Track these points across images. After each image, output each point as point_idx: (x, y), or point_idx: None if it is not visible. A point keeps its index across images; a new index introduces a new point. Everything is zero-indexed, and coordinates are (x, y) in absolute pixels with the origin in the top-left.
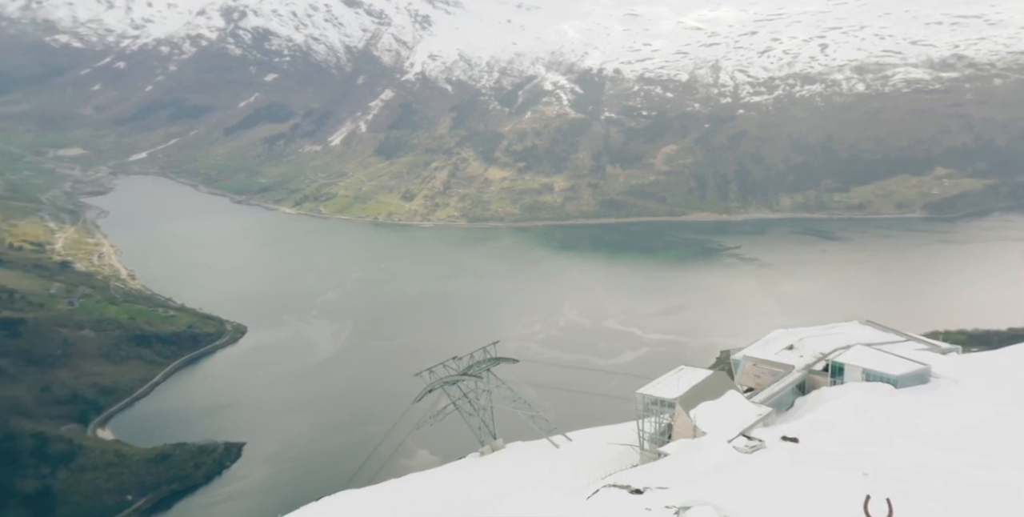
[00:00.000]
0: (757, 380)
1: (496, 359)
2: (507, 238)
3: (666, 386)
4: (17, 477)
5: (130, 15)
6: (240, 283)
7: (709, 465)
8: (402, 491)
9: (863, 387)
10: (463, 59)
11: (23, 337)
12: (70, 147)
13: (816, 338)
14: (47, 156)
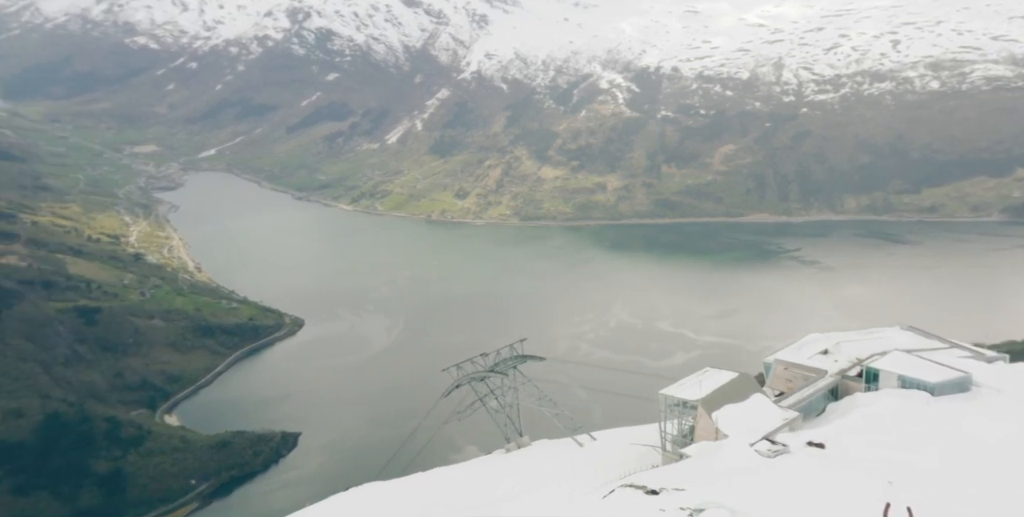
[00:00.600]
0: (789, 384)
1: (523, 357)
2: (558, 237)
3: (689, 387)
4: (91, 458)
5: (203, 17)
6: (298, 277)
7: (729, 468)
8: (426, 484)
9: (898, 394)
10: (519, 58)
11: (99, 325)
12: (145, 144)
13: (853, 343)
14: (124, 153)
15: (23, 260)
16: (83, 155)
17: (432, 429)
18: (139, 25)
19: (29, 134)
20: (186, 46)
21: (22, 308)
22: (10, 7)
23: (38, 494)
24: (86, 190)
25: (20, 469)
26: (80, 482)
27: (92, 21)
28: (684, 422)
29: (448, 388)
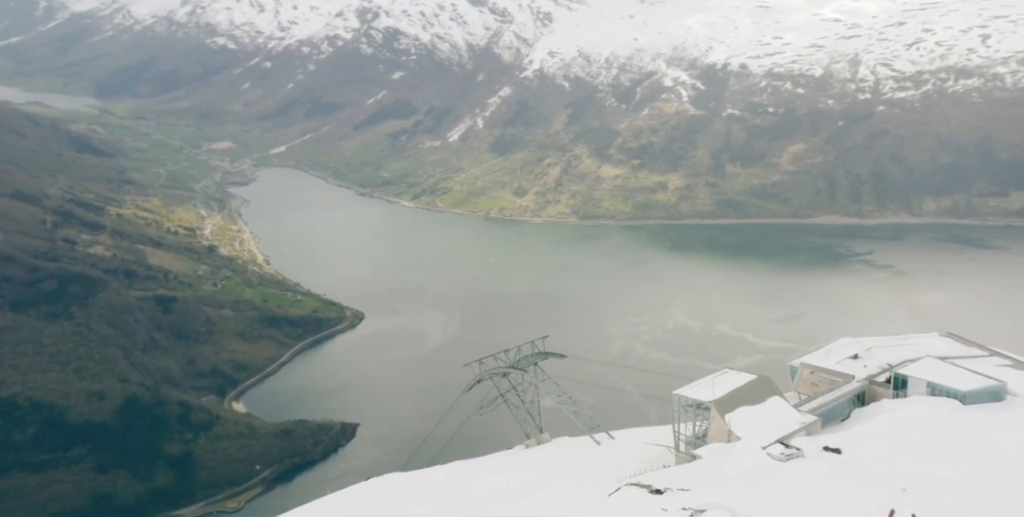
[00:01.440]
0: (814, 388)
1: (544, 354)
2: (617, 236)
3: (704, 388)
4: (165, 440)
5: (278, 18)
6: (360, 271)
7: (739, 470)
8: (441, 477)
9: (926, 401)
10: (582, 56)
11: (174, 313)
12: (221, 141)
13: (885, 348)
14: (202, 149)
15: (108, 250)
16: (164, 151)
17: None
18: (219, 26)
19: (117, 130)
20: (261, 46)
21: (106, 296)
22: (104, 10)
23: (117, 472)
24: (166, 184)
25: (101, 448)
26: (154, 462)
27: (176, 23)
28: (698, 423)
29: (470, 383)
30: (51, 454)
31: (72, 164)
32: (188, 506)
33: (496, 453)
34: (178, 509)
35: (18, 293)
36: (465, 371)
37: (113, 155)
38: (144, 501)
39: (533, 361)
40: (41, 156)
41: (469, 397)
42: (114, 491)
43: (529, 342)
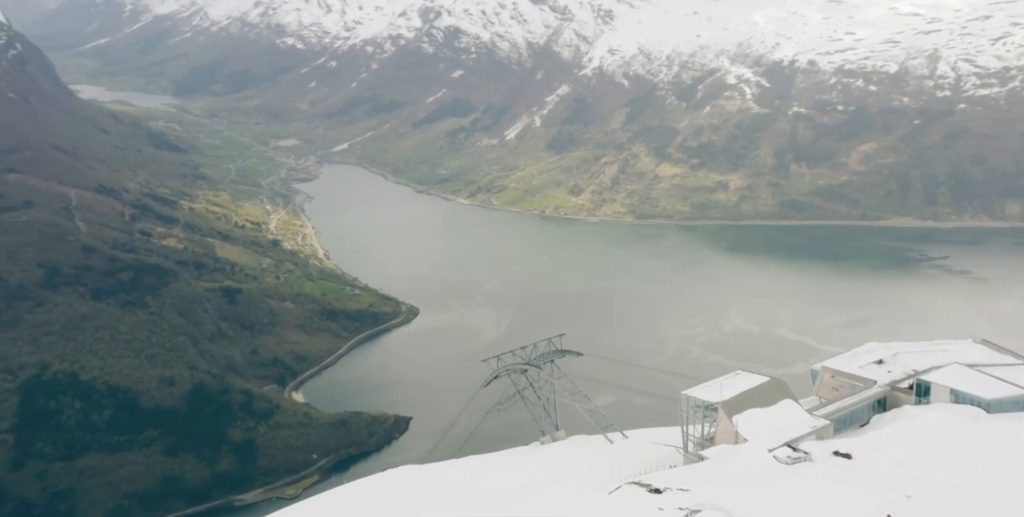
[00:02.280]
0: (835, 393)
1: (560, 351)
2: (673, 236)
3: (713, 389)
4: (229, 426)
5: (344, 18)
6: (416, 267)
7: (742, 472)
8: (452, 471)
9: (949, 409)
10: (642, 53)
11: (239, 305)
12: (287, 138)
13: (913, 354)
14: (269, 146)
15: (180, 243)
16: (235, 148)
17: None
18: (288, 27)
19: (192, 128)
20: (328, 46)
21: (177, 286)
22: (184, 13)
23: (184, 456)
24: (236, 180)
25: (170, 432)
26: (219, 448)
27: (249, 24)
28: (706, 424)
29: (487, 379)
30: (125, 436)
31: (150, 160)
32: (249, 491)
33: (511, 449)
34: (240, 494)
35: (98, 282)
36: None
37: (188, 151)
38: (209, 485)
39: (549, 358)
40: (123, 152)
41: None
42: (182, 474)
43: (546, 339)
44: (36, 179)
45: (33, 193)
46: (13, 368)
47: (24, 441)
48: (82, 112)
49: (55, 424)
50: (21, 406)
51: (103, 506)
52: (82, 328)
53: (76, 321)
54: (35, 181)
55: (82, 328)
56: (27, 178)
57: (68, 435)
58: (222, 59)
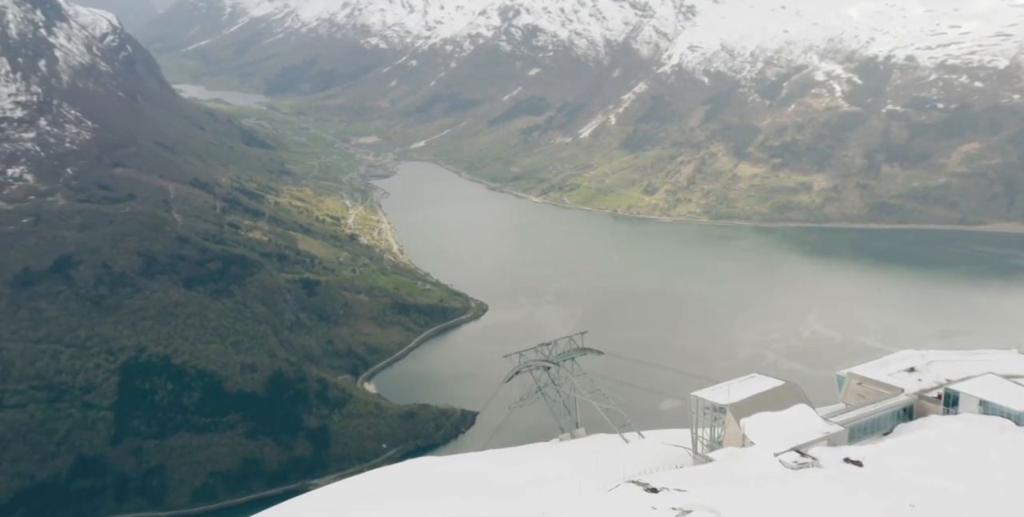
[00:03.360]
0: (861, 400)
1: (582, 349)
2: (750, 238)
3: (725, 391)
4: (304, 413)
5: (425, 18)
6: (486, 264)
7: (745, 475)
8: (466, 464)
9: (975, 419)
10: (725, 49)
11: (317, 296)
12: (368, 136)
13: (948, 363)
14: (351, 143)
15: (265, 235)
16: (318, 144)
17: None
18: (373, 27)
19: (280, 125)
20: (409, 45)
21: (261, 277)
22: (277, 14)
23: (264, 439)
24: (318, 176)
25: (251, 416)
26: (295, 433)
27: (337, 24)
28: (716, 426)
29: (508, 374)
30: (211, 418)
31: (241, 156)
32: (322, 477)
33: (526, 445)
34: (314, 478)
35: (190, 271)
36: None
37: (275, 148)
38: (286, 468)
39: (570, 356)
40: (216, 148)
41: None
42: (261, 457)
43: (567, 337)
44: (139, 173)
45: (136, 186)
46: (114, 350)
47: (122, 418)
48: (182, 110)
49: (149, 404)
50: (121, 385)
51: (190, 484)
52: (175, 314)
53: (170, 307)
54: (138, 175)
55: (175, 314)
56: (132, 172)
57: (161, 415)
58: (310, 59)
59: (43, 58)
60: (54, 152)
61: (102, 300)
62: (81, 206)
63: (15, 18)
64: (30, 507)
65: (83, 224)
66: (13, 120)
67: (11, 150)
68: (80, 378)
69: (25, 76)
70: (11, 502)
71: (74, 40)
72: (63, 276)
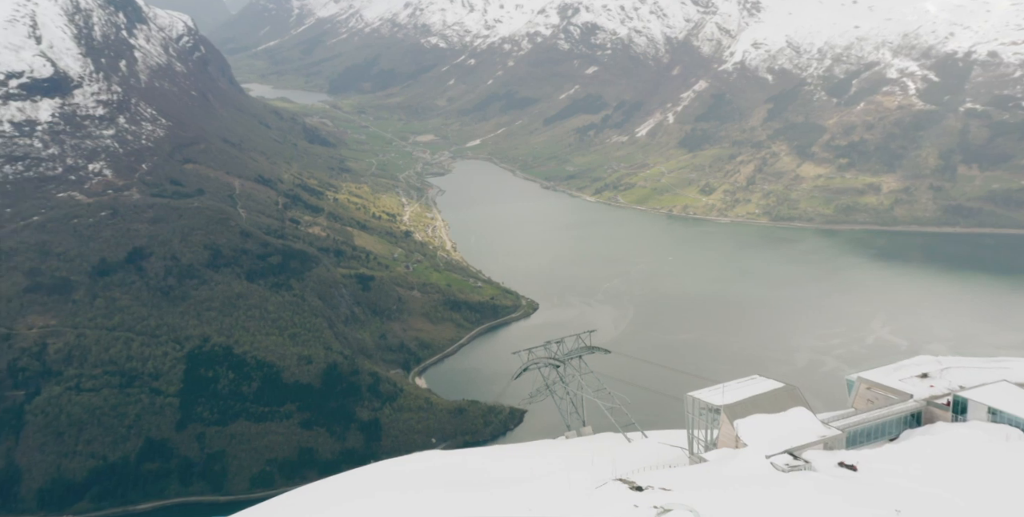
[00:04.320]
0: (870, 405)
1: (589, 348)
2: (812, 241)
3: (722, 392)
4: (357, 406)
5: (485, 17)
6: (537, 262)
7: (733, 477)
8: (470, 458)
9: (983, 427)
10: (790, 46)
11: (372, 291)
12: (425, 134)
13: (964, 370)
14: (408, 141)
15: (324, 231)
16: (377, 142)
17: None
18: (433, 27)
19: (341, 123)
20: (468, 44)
21: (319, 272)
22: (342, 15)
23: (318, 430)
24: (376, 173)
25: (307, 406)
26: (348, 425)
27: (398, 25)
28: (711, 427)
29: (516, 371)
30: (268, 407)
31: (303, 153)
32: None
33: (531, 441)
34: None
35: (252, 264)
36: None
37: (336, 146)
38: (339, 459)
39: (578, 354)
40: (280, 145)
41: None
42: (316, 447)
43: (575, 335)
44: (208, 169)
45: (205, 182)
46: (181, 339)
47: (187, 405)
48: (250, 109)
49: (212, 392)
50: (186, 373)
51: (249, 470)
52: (237, 306)
53: (232, 299)
54: (207, 171)
55: (237, 306)
56: (201, 168)
57: (222, 402)
58: (372, 58)
59: (124, 59)
60: (131, 148)
61: (171, 291)
62: (154, 200)
63: (100, 21)
64: (103, 486)
65: (155, 218)
66: (95, 118)
67: (92, 146)
68: (149, 365)
69: (107, 76)
70: (85, 480)
71: (152, 41)
72: (136, 267)
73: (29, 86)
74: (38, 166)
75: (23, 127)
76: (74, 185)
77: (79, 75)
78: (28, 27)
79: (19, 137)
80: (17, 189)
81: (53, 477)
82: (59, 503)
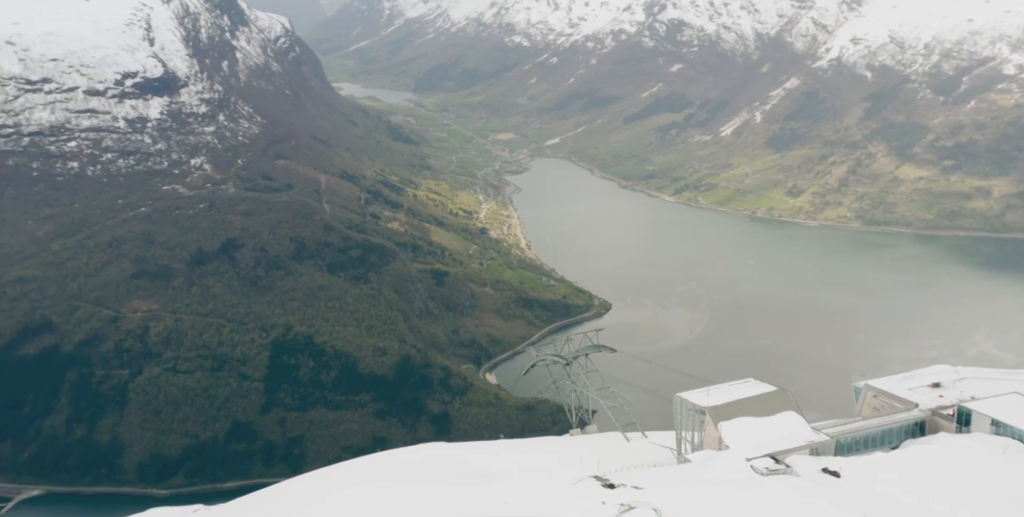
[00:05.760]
0: (876, 413)
1: (596, 346)
2: (909, 247)
3: (710, 394)
4: (428, 398)
5: (570, 15)
6: (611, 262)
7: (709, 478)
8: (469, 452)
9: (981, 439)
10: (893, 41)
11: (446, 287)
12: (504, 132)
13: (981, 381)
14: (488, 139)
15: (402, 226)
16: (458, 140)
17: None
18: (517, 25)
19: (424, 121)
20: (551, 42)
21: (395, 266)
22: (430, 15)
23: (391, 420)
24: (455, 171)
25: (381, 397)
26: (419, 417)
27: (483, 24)
28: (698, 429)
29: (526, 368)
30: (345, 396)
31: (387, 150)
32: None
33: (540, 437)
34: None
35: (334, 257)
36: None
37: (418, 143)
38: None
39: (584, 352)
40: (365, 142)
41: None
42: (388, 437)
43: (583, 333)
44: (297, 165)
45: (294, 177)
46: (267, 326)
47: (270, 390)
48: (339, 107)
49: (294, 379)
50: (271, 360)
51: (325, 455)
52: (318, 297)
53: (314, 290)
54: (296, 166)
55: (318, 297)
56: (291, 164)
57: (302, 389)
58: (456, 57)
59: (226, 59)
60: (228, 144)
61: (259, 280)
62: (247, 194)
63: (206, 24)
64: (194, 463)
65: (247, 211)
66: (198, 115)
67: (195, 142)
68: (238, 351)
69: (210, 76)
70: (179, 457)
71: (252, 42)
72: (228, 257)
73: (142, 85)
74: (147, 161)
75: (135, 124)
76: (177, 179)
77: (186, 75)
78: (143, 30)
79: (132, 133)
80: (128, 182)
81: (151, 452)
82: (156, 477)
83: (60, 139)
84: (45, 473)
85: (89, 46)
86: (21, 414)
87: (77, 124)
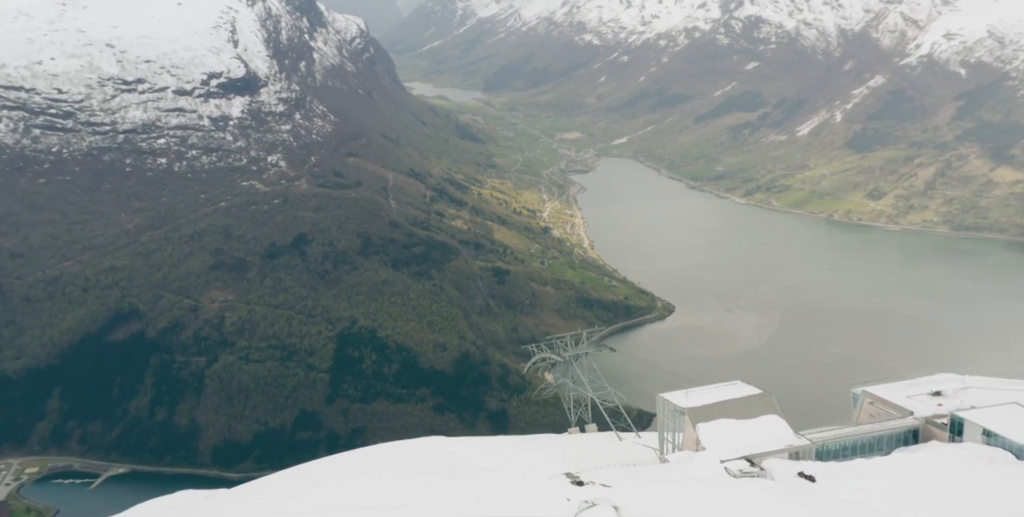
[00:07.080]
0: (872, 420)
1: (597, 346)
2: (1002, 254)
3: (692, 395)
4: (486, 395)
5: (642, 13)
6: (677, 264)
7: (680, 478)
8: (464, 447)
9: (970, 449)
10: (992, 36)
11: (506, 285)
12: (572, 131)
13: (984, 391)
14: (555, 138)
15: (466, 224)
16: (525, 139)
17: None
18: (588, 24)
19: (492, 120)
20: (622, 41)
21: (457, 263)
22: (502, 15)
23: (449, 415)
24: (520, 170)
25: (440, 392)
26: (477, 413)
27: (554, 23)
28: (679, 429)
29: (527, 365)
30: (405, 390)
31: (454, 148)
32: None
33: (538, 435)
34: None
35: (398, 253)
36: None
37: (485, 142)
38: None
39: (584, 351)
40: (433, 141)
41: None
42: (446, 432)
43: (583, 332)
44: (367, 162)
45: (363, 174)
46: (333, 319)
47: (335, 381)
48: (409, 106)
49: (357, 371)
50: (336, 352)
51: None
52: (382, 292)
53: (379, 285)
54: (366, 164)
55: (382, 292)
56: (361, 161)
57: (365, 382)
58: (526, 57)
59: (303, 60)
60: (303, 142)
61: (327, 274)
62: (318, 190)
63: (286, 26)
64: (264, 449)
65: (318, 206)
66: (276, 114)
67: (272, 140)
68: (306, 342)
69: (288, 76)
70: (250, 442)
71: (329, 43)
72: (299, 251)
73: (226, 85)
74: (228, 157)
75: (218, 122)
76: (255, 175)
77: (266, 75)
78: (228, 32)
79: (215, 131)
80: (210, 177)
81: (225, 437)
82: (228, 461)
83: (151, 136)
84: (130, 452)
85: (179, 48)
86: (110, 396)
87: (166, 122)
